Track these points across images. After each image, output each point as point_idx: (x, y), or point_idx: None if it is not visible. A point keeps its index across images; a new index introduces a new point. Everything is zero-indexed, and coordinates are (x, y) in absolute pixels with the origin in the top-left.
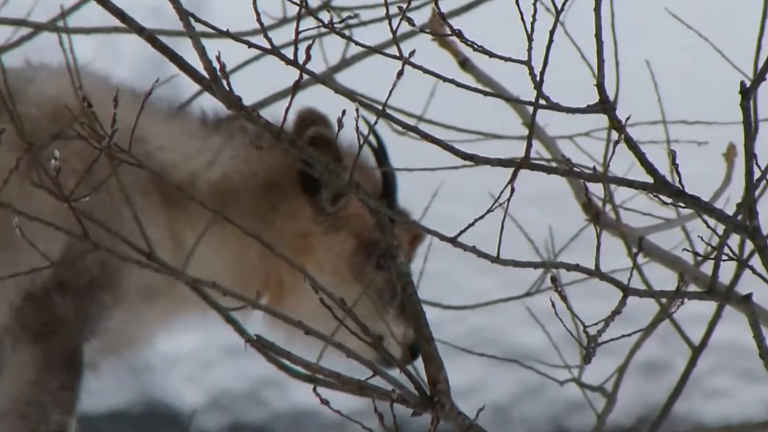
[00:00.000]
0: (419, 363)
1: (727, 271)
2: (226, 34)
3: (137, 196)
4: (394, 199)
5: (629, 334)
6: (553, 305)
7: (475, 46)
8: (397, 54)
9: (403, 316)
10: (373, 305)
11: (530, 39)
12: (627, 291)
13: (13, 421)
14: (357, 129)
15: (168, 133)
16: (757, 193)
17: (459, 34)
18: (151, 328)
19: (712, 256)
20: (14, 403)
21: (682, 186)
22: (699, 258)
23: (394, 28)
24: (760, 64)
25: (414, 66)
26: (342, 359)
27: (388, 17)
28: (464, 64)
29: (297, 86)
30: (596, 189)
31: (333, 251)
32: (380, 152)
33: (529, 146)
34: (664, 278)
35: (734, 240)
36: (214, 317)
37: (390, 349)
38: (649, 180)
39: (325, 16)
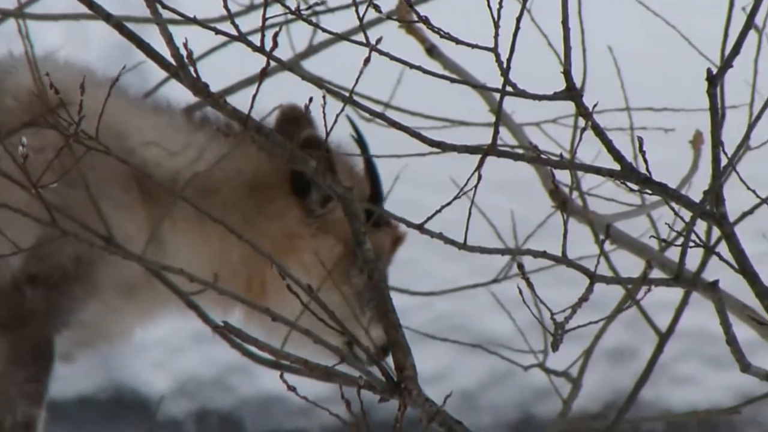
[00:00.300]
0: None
1: (693, 258)
2: (193, 21)
3: (117, 192)
4: (381, 198)
5: (596, 321)
6: (520, 292)
7: (442, 33)
8: (364, 41)
9: (379, 318)
10: (352, 307)
11: (497, 26)
12: (594, 278)
13: None
14: (324, 116)
15: (154, 128)
16: (723, 179)
17: (426, 20)
18: (128, 323)
19: (679, 243)
20: None
21: (649, 173)
22: (665, 245)
23: (361, 15)
24: (727, 52)
25: (381, 53)
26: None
27: (355, 4)
28: (431, 50)
29: (264, 73)
30: (563, 176)
31: (321, 254)
32: (362, 145)
33: (495, 133)
34: (631, 265)
35: (701, 227)
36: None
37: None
38: (616, 167)
39: (292, 2)
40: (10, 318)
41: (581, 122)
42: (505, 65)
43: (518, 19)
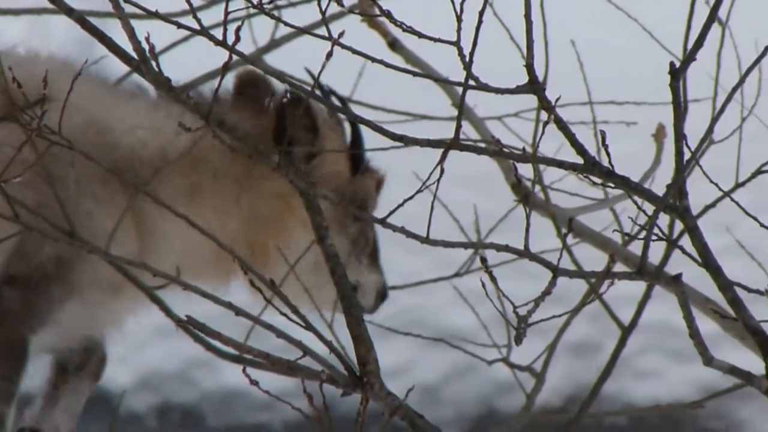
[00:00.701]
0: (349, 343)
1: (656, 252)
2: (156, 15)
3: (96, 187)
4: (362, 146)
5: (559, 315)
6: (483, 286)
7: (404, 27)
8: (327, 35)
9: (374, 263)
10: (350, 255)
11: (459, 20)
12: (557, 271)
13: None
14: (286, 110)
15: (135, 112)
16: (687, 173)
17: (388, 14)
18: (119, 315)
19: (642, 237)
20: None
21: (612, 166)
22: (627, 238)
23: (324, 9)
24: (689, 45)
25: (343, 47)
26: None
27: None
28: (393, 44)
29: (226, 67)
30: (526, 170)
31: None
32: (339, 98)
33: (458, 127)
34: (594, 258)
35: (664, 220)
36: (188, 298)
37: (364, 297)
38: (579, 161)
39: None
40: None
41: (544, 116)
42: (467, 59)
43: (481, 13)
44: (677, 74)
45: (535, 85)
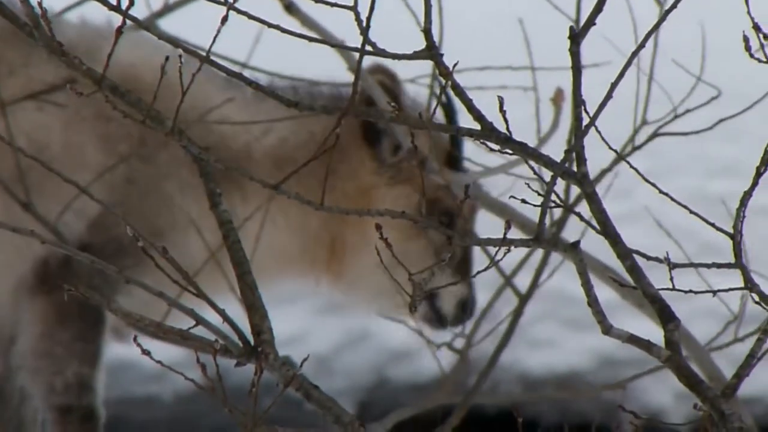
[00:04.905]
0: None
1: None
2: None
3: (183, 171)
4: (460, 158)
5: (455, 283)
6: (378, 254)
7: None
8: None
9: (458, 273)
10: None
11: None
12: (452, 238)
13: (28, 376)
14: (180, 75)
15: (230, 103)
16: (585, 139)
17: None
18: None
19: (539, 203)
20: (26, 358)
21: (510, 132)
22: (524, 203)
23: None
24: (584, 8)
25: (238, 11)
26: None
27: None
28: (289, 7)
29: (119, 32)
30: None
31: (398, 204)
32: (450, 109)
33: (354, 92)
34: (494, 225)
35: (561, 186)
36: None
37: (444, 305)
38: (477, 127)
39: None
40: (58, 277)
41: (441, 82)
42: (364, 24)
43: None
44: (577, 39)
45: (432, 51)
